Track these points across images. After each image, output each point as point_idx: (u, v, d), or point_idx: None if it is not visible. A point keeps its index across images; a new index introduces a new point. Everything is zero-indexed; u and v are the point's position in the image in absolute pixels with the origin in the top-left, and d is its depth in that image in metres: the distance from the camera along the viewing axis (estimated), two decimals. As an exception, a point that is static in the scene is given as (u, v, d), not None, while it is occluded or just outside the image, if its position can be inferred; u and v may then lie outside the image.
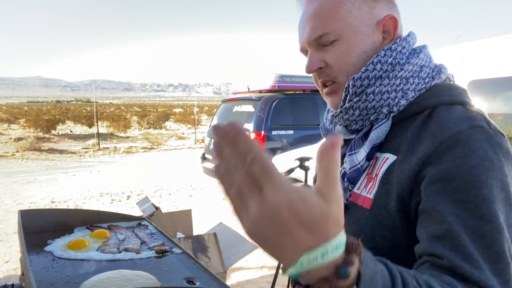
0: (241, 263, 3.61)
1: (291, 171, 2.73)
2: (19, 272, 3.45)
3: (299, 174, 4.07)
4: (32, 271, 0.85)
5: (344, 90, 0.72)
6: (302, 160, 2.71)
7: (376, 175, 0.68)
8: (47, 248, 1.06)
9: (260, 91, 6.51)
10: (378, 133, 0.69)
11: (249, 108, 6.17)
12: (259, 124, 5.79)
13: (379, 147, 0.70)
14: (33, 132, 16.65)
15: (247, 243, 2.30)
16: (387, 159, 0.68)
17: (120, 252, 1.05)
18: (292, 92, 6.41)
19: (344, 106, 0.73)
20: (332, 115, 0.79)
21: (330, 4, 0.71)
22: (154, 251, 1.07)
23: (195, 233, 2.51)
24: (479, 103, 2.59)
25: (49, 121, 18.09)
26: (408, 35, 0.74)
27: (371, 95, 0.70)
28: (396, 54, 0.71)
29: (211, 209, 5.69)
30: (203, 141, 13.12)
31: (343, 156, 0.77)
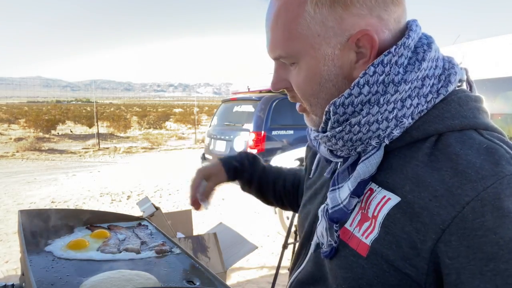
0: (241, 263, 3.61)
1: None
2: (19, 272, 3.45)
3: (299, 174, 4.07)
4: (32, 271, 0.85)
5: (325, 114, 0.58)
6: (302, 160, 2.72)
7: (374, 217, 0.54)
8: (47, 248, 1.05)
9: (260, 91, 6.52)
10: (366, 167, 0.55)
11: (249, 108, 6.18)
12: (259, 124, 5.79)
13: (372, 180, 0.56)
14: (33, 132, 16.65)
15: (247, 243, 2.30)
16: (388, 199, 0.53)
17: (120, 252, 1.05)
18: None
19: (325, 135, 0.59)
20: (315, 137, 0.65)
21: (286, 17, 0.55)
22: (154, 251, 1.07)
23: (195, 233, 2.50)
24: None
25: (49, 121, 18.09)
26: (408, 35, 0.54)
27: (356, 126, 0.55)
28: (391, 68, 0.53)
29: (211, 209, 5.69)
30: (203, 141, 13.12)
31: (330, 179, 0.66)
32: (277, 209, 4.67)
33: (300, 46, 0.56)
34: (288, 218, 4.39)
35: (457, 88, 0.57)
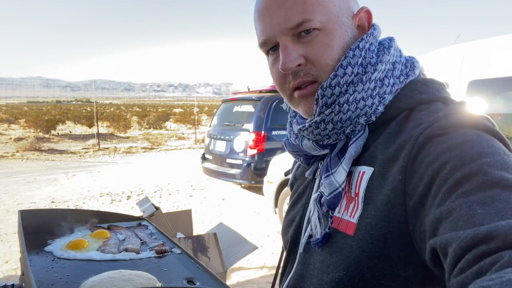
0: (241, 263, 3.61)
1: (290, 171, 2.73)
2: (19, 272, 3.45)
3: (299, 174, 4.07)
4: (32, 271, 0.85)
5: (316, 100, 0.61)
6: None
7: (356, 194, 0.57)
8: (47, 248, 1.05)
9: (260, 91, 6.52)
10: (357, 147, 0.59)
11: (249, 108, 6.18)
12: (259, 124, 5.79)
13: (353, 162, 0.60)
14: (33, 132, 16.66)
15: (247, 243, 2.30)
16: (364, 173, 0.57)
17: (120, 252, 1.05)
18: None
19: (314, 120, 0.61)
20: (299, 129, 0.65)
21: None
22: (154, 251, 1.07)
23: (195, 233, 2.50)
24: (479, 103, 2.59)
25: (49, 121, 18.09)
26: (374, 28, 0.63)
27: (345, 105, 0.59)
28: (366, 53, 0.60)
29: (211, 209, 5.69)
30: (203, 141, 13.12)
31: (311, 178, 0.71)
32: (277, 209, 4.67)
33: (324, 12, 0.59)
34: (288, 218, 4.39)
35: (422, 74, 0.65)
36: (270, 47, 0.63)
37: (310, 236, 0.65)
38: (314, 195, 0.66)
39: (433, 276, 0.50)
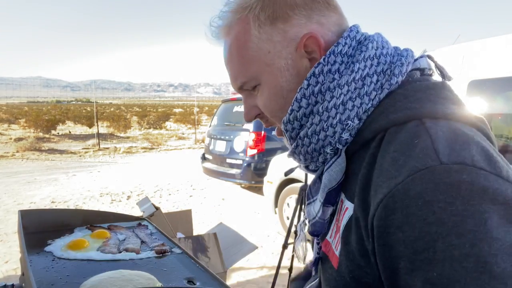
0: (241, 263, 3.61)
1: (291, 171, 2.73)
2: (19, 272, 3.45)
3: (299, 174, 4.07)
4: (32, 271, 0.85)
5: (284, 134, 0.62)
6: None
7: (339, 228, 0.53)
8: (47, 248, 1.06)
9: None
10: (330, 175, 0.55)
11: (249, 108, 6.18)
12: (259, 124, 5.79)
13: (342, 188, 0.55)
14: (33, 132, 16.66)
15: (247, 243, 2.30)
16: (347, 209, 0.52)
17: (120, 252, 1.05)
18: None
19: (290, 150, 0.62)
20: (288, 155, 0.66)
21: (238, 46, 0.60)
22: (154, 251, 1.07)
23: (195, 233, 2.50)
24: (479, 103, 2.59)
25: (49, 121, 18.09)
26: (338, 42, 0.56)
27: (305, 138, 0.57)
28: (324, 77, 0.55)
29: (211, 209, 5.69)
30: (203, 141, 13.12)
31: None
32: (277, 209, 4.67)
33: (256, 66, 0.59)
34: (288, 218, 4.39)
35: (410, 79, 0.55)
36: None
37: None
38: (300, 221, 0.68)
39: None
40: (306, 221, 0.62)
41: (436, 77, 0.59)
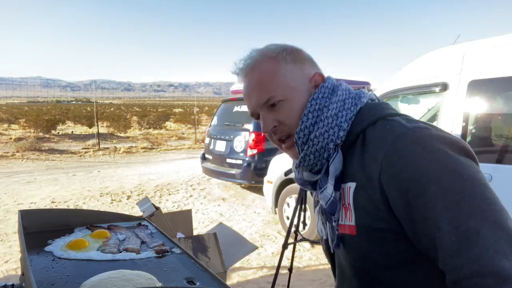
0: (241, 263, 3.61)
1: (291, 171, 2.73)
2: (19, 272, 3.45)
3: (299, 174, 4.06)
4: (32, 271, 0.85)
5: (295, 144, 0.84)
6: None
7: (349, 204, 0.76)
8: (47, 248, 1.06)
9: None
10: (335, 165, 0.79)
11: (249, 108, 6.17)
12: (259, 124, 5.79)
13: (341, 179, 0.79)
14: (33, 132, 16.65)
15: (247, 243, 2.30)
16: (350, 187, 0.76)
17: (120, 252, 1.05)
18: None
19: (300, 157, 0.84)
20: (296, 166, 0.89)
21: (269, 74, 0.84)
22: (154, 251, 1.07)
23: (195, 233, 2.50)
24: (479, 103, 2.59)
25: (49, 121, 18.08)
26: (324, 81, 0.86)
27: (315, 139, 0.81)
28: (320, 100, 0.83)
29: (211, 209, 5.69)
30: (203, 141, 13.12)
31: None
32: (277, 209, 4.67)
33: (284, 87, 0.83)
34: (288, 218, 4.39)
35: (369, 102, 0.84)
36: (256, 116, 0.89)
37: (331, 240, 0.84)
38: (316, 209, 0.90)
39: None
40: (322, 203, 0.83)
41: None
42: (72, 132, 18.71)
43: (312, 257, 3.89)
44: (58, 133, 17.87)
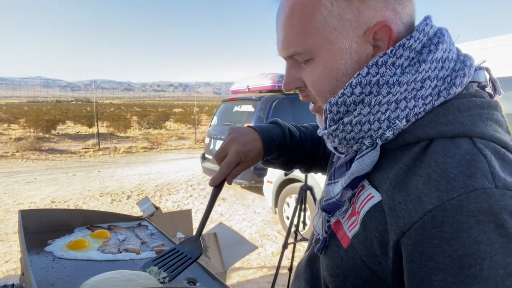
0: (241, 263, 3.61)
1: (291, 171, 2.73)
2: (19, 272, 3.45)
3: (299, 174, 4.06)
4: (32, 271, 0.85)
5: (324, 112, 0.59)
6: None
7: (358, 212, 0.55)
8: (47, 248, 1.06)
9: (260, 91, 6.52)
10: (360, 165, 0.55)
11: (249, 108, 6.17)
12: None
13: (365, 176, 0.56)
14: (33, 132, 16.65)
15: (247, 243, 2.30)
16: (372, 197, 0.53)
17: (120, 253, 1.05)
18: (292, 92, 6.42)
19: (324, 132, 0.61)
20: (321, 135, 0.66)
21: (302, 13, 0.54)
22: (154, 251, 1.07)
23: (195, 233, 2.50)
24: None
25: (49, 121, 18.08)
26: (411, 36, 0.53)
27: (348, 125, 0.56)
28: (386, 70, 0.52)
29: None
30: (203, 141, 13.12)
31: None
32: (277, 209, 4.67)
33: (317, 40, 0.55)
34: (288, 218, 4.39)
35: (466, 92, 0.54)
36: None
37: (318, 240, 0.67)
38: (318, 198, 0.69)
39: None
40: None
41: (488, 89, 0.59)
42: (77, 132, 18.71)
43: (312, 257, 3.89)
44: (58, 133, 17.87)
